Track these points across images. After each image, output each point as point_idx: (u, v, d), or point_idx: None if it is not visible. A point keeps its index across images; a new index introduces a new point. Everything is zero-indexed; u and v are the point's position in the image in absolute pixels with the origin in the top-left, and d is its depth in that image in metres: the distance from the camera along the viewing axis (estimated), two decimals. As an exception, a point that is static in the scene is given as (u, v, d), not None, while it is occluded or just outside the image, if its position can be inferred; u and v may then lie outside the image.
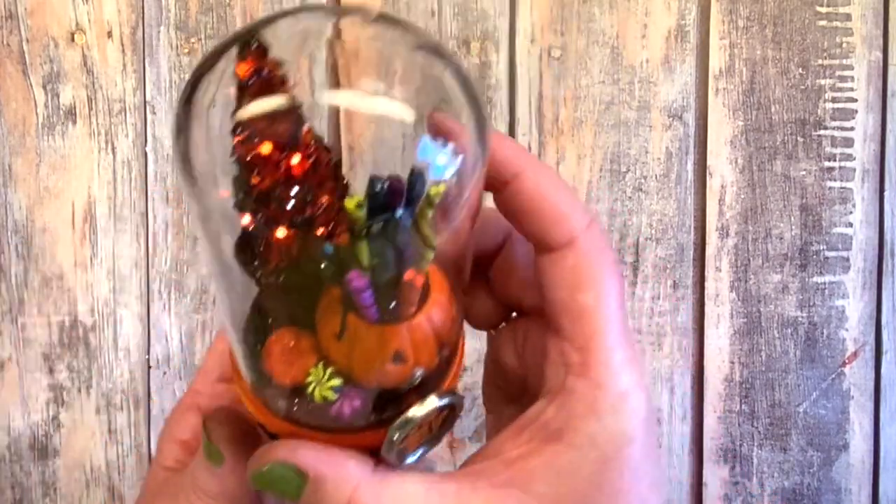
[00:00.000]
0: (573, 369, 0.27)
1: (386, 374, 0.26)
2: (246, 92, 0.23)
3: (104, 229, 0.61)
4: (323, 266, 0.24)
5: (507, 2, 0.62)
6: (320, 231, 0.23)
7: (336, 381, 0.26)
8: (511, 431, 0.28)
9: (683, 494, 0.65)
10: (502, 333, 0.32)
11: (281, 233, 0.23)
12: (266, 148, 0.23)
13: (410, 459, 0.27)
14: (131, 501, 0.62)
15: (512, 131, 0.63)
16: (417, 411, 0.26)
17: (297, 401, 0.26)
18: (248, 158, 0.23)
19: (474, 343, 0.38)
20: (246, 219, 0.23)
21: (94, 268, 0.61)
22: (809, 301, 0.65)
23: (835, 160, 0.64)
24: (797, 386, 0.65)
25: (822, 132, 0.64)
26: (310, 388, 0.26)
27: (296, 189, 0.23)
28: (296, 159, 0.23)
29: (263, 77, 0.24)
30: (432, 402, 0.26)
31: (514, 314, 0.32)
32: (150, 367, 0.62)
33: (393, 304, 0.25)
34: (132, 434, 0.62)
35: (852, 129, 0.64)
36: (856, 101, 0.64)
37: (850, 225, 0.65)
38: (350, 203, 0.23)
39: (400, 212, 0.24)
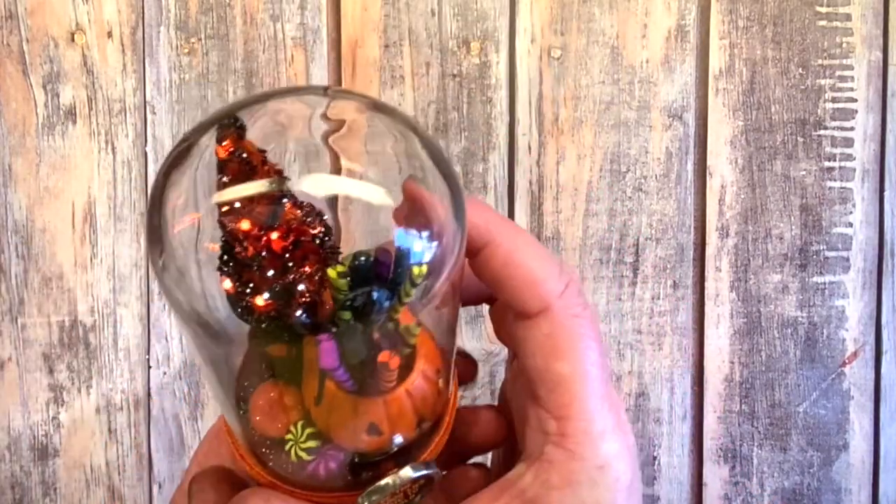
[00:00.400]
0: (551, 438, 0.27)
1: (361, 442, 0.26)
2: (225, 172, 0.24)
3: (104, 229, 0.61)
4: (302, 334, 0.24)
5: (507, 2, 0.62)
6: (301, 299, 0.23)
7: (312, 443, 0.26)
8: (492, 492, 0.28)
9: (683, 494, 0.65)
10: (510, 365, 0.32)
11: (260, 301, 0.23)
12: (245, 224, 0.23)
13: None
14: (131, 501, 0.62)
15: (512, 131, 0.63)
16: (390, 481, 0.26)
17: (278, 455, 0.27)
18: (228, 237, 0.23)
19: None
20: (227, 284, 0.23)
21: (94, 268, 0.61)
22: (809, 301, 0.65)
23: (835, 160, 0.64)
24: (797, 386, 0.65)
25: (822, 132, 0.64)
26: (287, 446, 0.26)
27: (274, 259, 0.23)
28: (275, 235, 0.23)
29: (242, 158, 0.24)
30: (407, 473, 0.27)
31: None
32: (150, 367, 0.62)
33: (369, 379, 0.25)
34: (132, 434, 0.62)
35: (852, 129, 0.64)
36: (856, 101, 0.64)
37: (850, 225, 0.65)
38: (332, 272, 0.23)
39: (376, 293, 0.24)
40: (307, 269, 0.23)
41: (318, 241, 0.23)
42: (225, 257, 0.23)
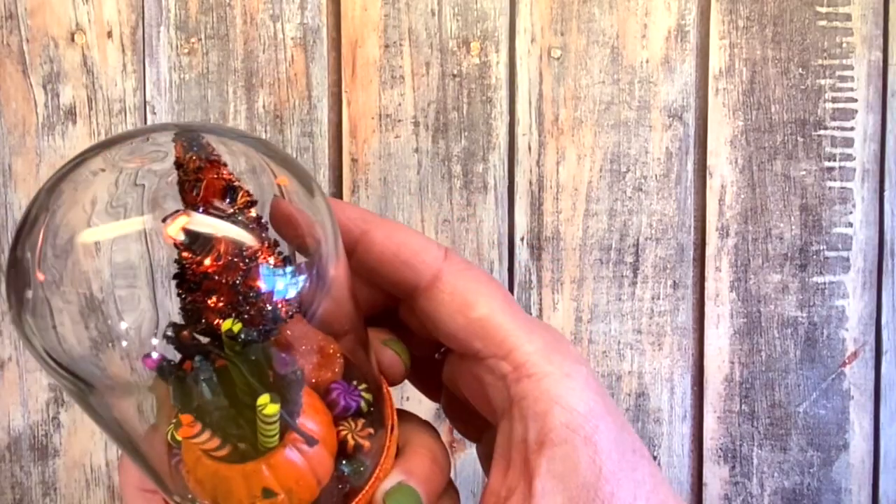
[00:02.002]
0: (510, 377, 0.27)
1: None
2: (192, 187, 0.24)
3: (104, 229, 0.61)
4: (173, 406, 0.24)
5: (507, 2, 0.62)
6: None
7: None
8: (497, 472, 0.28)
9: (683, 494, 0.65)
10: (443, 374, 0.32)
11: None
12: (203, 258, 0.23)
13: None
14: (131, 501, 0.62)
15: (512, 131, 0.63)
16: None
17: None
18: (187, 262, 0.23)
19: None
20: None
21: (94, 268, 0.61)
22: (809, 301, 0.65)
23: (835, 160, 0.64)
24: (797, 386, 0.65)
25: (822, 132, 0.64)
26: None
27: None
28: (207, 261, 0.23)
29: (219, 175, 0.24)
30: None
31: (438, 354, 0.32)
32: (150, 367, 0.62)
33: (240, 443, 0.25)
34: (132, 434, 0.62)
35: (852, 129, 0.64)
36: (856, 101, 0.64)
37: (850, 225, 0.65)
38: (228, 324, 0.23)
39: (199, 361, 0.23)
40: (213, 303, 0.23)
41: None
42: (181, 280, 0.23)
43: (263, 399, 0.23)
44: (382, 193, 0.62)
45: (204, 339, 0.24)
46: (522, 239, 0.63)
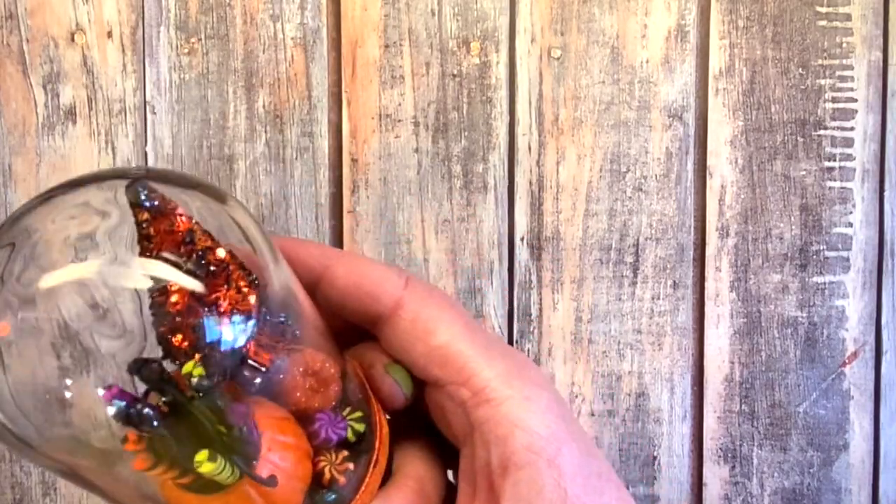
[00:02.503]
0: (469, 403, 0.27)
1: None
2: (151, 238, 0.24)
3: (104, 229, 0.61)
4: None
5: (507, 2, 0.62)
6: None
7: None
8: (463, 498, 0.28)
9: (683, 494, 0.65)
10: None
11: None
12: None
13: None
14: (131, 501, 0.62)
15: (512, 131, 0.63)
16: None
17: None
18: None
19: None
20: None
21: (94, 268, 0.61)
22: (809, 301, 0.65)
23: (835, 160, 0.64)
24: (797, 386, 0.65)
25: (822, 132, 0.64)
26: None
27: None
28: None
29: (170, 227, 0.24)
30: None
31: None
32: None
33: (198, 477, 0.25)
34: (132, 434, 0.62)
35: (852, 129, 0.64)
36: (856, 101, 0.64)
37: (850, 225, 0.65)
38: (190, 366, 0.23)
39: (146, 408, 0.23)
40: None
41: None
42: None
43: (201, 456, 0.23)
44: (382, 193, 0.62)
45: (169, 374, 0.24)
46: (522, 239, 0.63)
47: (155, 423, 0.23)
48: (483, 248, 0.63)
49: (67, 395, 0.24)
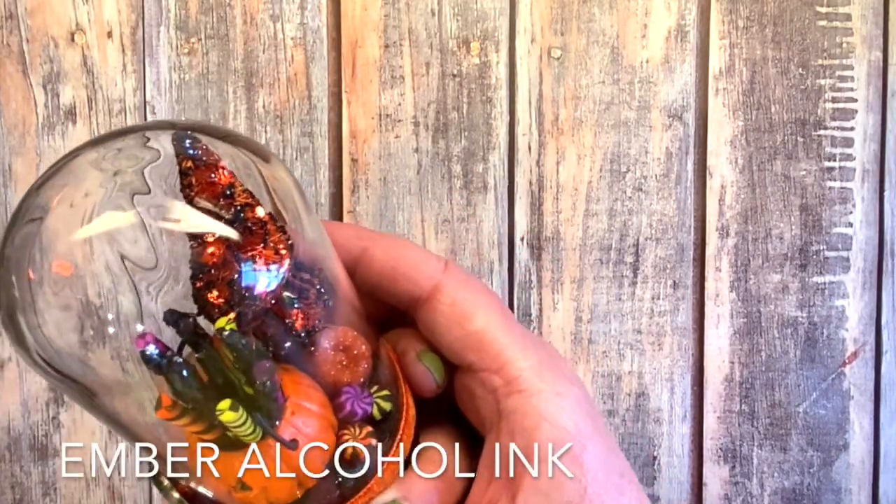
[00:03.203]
0: (500, 391, 0.27)
1: (238, 501, 0.26)
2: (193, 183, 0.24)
3: (104, 229, 0.61)
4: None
5: (507, 2, 0.62)
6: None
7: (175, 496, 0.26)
8: (480, 483, 0.28)
9: (683, 494, 0.65)
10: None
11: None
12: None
13: None
14: (131, 501, 0.62)
15: (512, 131, 0.63)
16: None
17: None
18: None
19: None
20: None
21: (94, 268, 0.61)
22: (809, 301, 0.65)
23: (835, 160, 0.64)
24: (797, 386, 0.65)
25: (822, 132, 0.64)
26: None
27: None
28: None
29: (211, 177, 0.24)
30: None
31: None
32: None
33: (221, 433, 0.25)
34: (132, 434, 0.62)
35: (852, 129, 0.64)
36: (856, 101, 0.64)
37: (850, 225, 0.65)
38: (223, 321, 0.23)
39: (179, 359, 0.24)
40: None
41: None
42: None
43: (223, 405, 0.24)
44: (382, 193, 0.62)
45: (204, 328, 0.24)
46: (522, 239, 0.63)
47: (185, 374, 0.23)
48: (483, 248, 0.63)
49: (110, 330, 0.24)
